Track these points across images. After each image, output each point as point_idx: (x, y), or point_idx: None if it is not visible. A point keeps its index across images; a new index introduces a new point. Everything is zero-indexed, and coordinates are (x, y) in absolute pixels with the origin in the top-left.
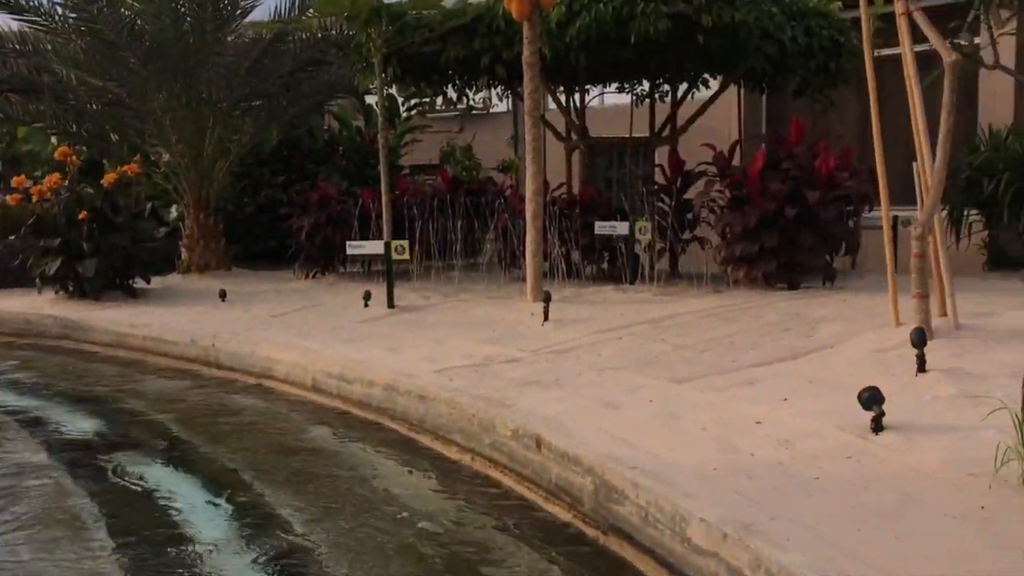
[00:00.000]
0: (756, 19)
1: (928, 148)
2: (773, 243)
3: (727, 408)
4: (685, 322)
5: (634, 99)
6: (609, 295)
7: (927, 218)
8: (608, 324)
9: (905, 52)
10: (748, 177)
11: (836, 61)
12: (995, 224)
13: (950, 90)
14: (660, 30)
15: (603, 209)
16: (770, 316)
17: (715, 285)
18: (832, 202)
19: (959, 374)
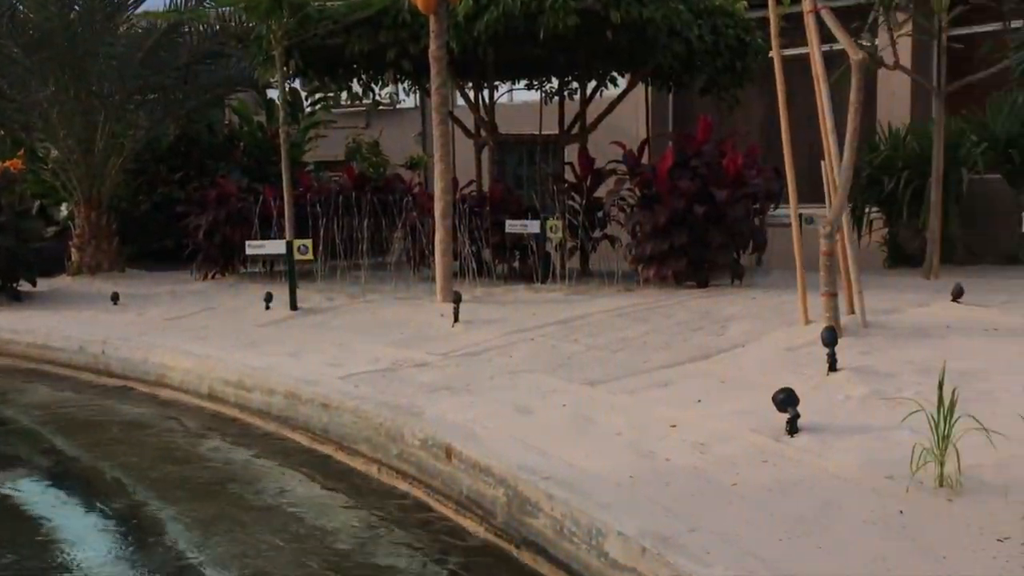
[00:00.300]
0: (664, 16)
1: (835, 147)
2: (683, 241)
3: (641, 411)
4: (597, 322)
5: (543, 96)
6: (520, 294)
7: (836, 217)
8: (520, 325)
9: (813, 51)
10: (658, 175)
11: (742, 60)
12: (895, 222)
13: (857, 89)
14: (569, 26)
15: (513, 207)
16: (681, 315)
17: (626, 284)
18: (740, 200)
19: (869, 373)
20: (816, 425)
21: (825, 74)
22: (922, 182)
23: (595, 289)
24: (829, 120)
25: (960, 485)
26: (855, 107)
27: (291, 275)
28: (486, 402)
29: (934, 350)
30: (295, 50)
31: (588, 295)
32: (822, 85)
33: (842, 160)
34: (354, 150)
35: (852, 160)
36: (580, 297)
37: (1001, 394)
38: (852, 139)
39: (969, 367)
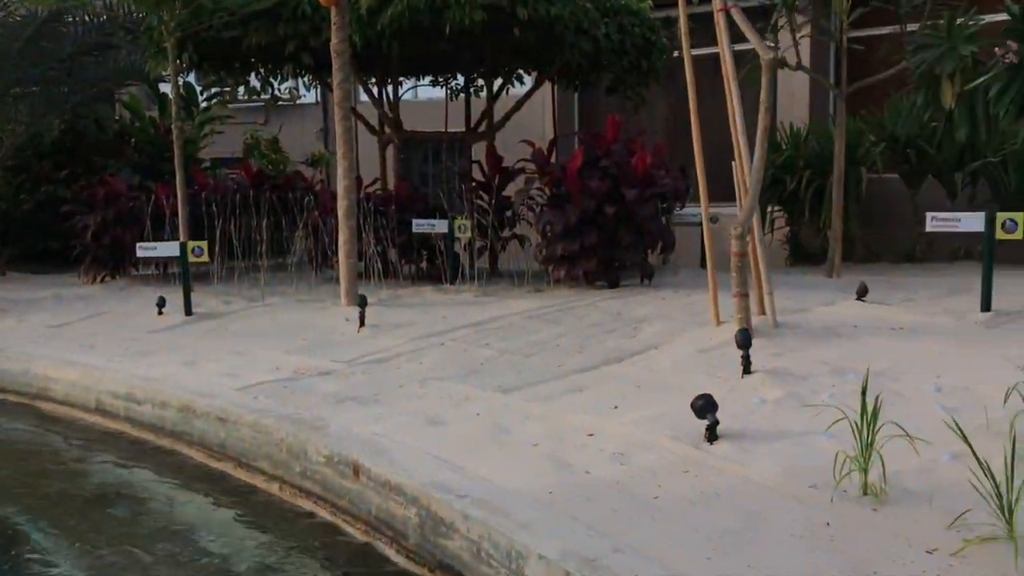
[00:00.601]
0: (571, 14)
1: (746, 147)
2: (593, 241)
3: (558, 419)
4: (509, 324)
5: (449, 93)
6: (429, 296)
7: (747, 217)
8: (429, 328)
9: (723, 50)
10: (568, 175)
11: (647, 59)
12: (796, 221)
13: (767, 90)
14: (475, 21)
15: (420, 206)
16: (593, 316)
17: (536, 284)
18: (649, 200)
19: (783, 375)
20: (735, 431)
21: (735, 74)
22: (823, 182)
23: (505, 290)
24: (740, 121)
25: (884, 493)
26: (765, 107)
27: (185, 279)
28: (395, 413)
29: (844, 350)
30: (188, 42)
31: (498, 296)
32: (732, 85)
33: (752, 161)
34: (252, 147)
35: (763, 161)
36: (490, 298)
37: (912, 395)
38: (763, 140)
39: (880, 367)
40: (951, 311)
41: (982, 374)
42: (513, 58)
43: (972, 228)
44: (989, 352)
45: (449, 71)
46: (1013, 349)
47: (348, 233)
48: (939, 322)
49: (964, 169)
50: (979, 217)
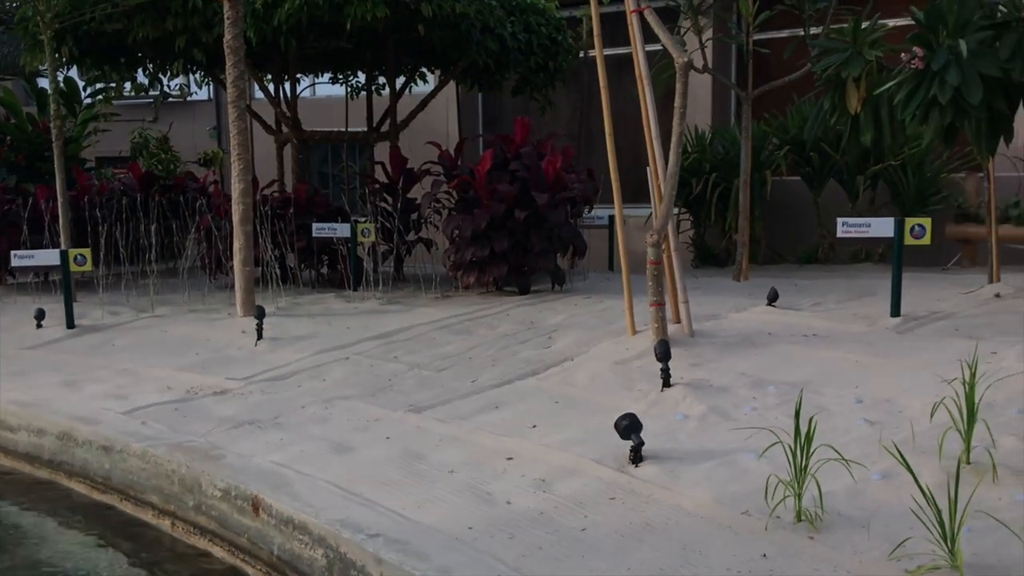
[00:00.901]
0: (478, 12)
1: (660, 152)
2: (504, 247)
3: (475, 442)
4: (418, 336)
5: (349, 91)
6: (331, 305)
7: (662, 224)
8: (333, 341)
9: (636, 52)
10: (476, 178)
11: (554, 59)
12: (701, 223)
13: (681, 93)
14: (377, 17)
15: (321, 209)
16: (505, 326)
17: (443, 290)
18: (560, 204)
19: (703, 387)
20: (660, 451)
21: (649, 76)
22: (728, 185)
23: (412, 296)
24: (654, 125)
25: (820, 519)
26: (680, 112)
27: (67, 289)
28: (298, 438)
29: (762, 360)
30: (68, 35)
31: (405, 304)
32: (646, 87)
33: (667, 167)
34: (140, 146)
35: (677, 167)
36: (397, 307)
37: (835, 408)
38: (677, 145)
39: (799, 378)
40: (861, 316)
41: (901, 384)
42: (416, 56)
43: (882, 233)
44: (904, 360)
45: (349, 68)
46: (925, 356)
47: (244, 239)
48: (851, 328)
49: (865, 172)
50: (889, 223)
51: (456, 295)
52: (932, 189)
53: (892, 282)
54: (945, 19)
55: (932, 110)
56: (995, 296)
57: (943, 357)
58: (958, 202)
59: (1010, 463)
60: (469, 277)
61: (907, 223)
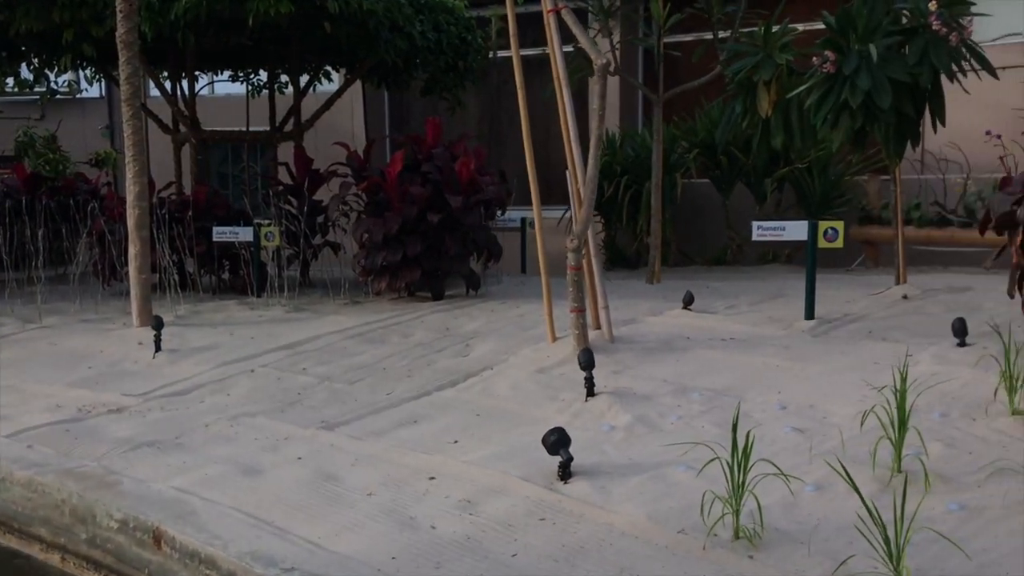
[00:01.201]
0: (386, 9)
1: (579, 155)
2: (417, 250)
3: (393, 460)
4: (328, 346)
5: (250, 90)
6: (234, 313)
7: (583, 229)
8: (237, 352)
9: (554, 53)
10: (387, 180)
11: (464, 59)
12: (612, 225)
13: (600, 95)
14: (281, 13)
15: (221, 212)
16: (420, 334)
17: (353, 295)
18: (474, 206)
19: (627, 396)
20: (589, 466)
21: (568, 78)
22: (639, 187)
23: (319, 303)
24: (572, 129)
25: (758, 537)
26: (599, 114)
27: None
28: (203, 461)
29: (683, 366)
30: None
31: (313, 311)
32: (564, 89)
33: (587, 170)
34: (26, 145)
35: (597, 170)
36: (304, 315)
37: (760, 416)
38: (596, 148)
39: (721, 384)
40: (776, 319)
41: (822, 389)
42: (321, 54)
43: (796, 237)
44: (822, 364)
45: (251, 66)
46: (843, 359)
47: (140, 245)
48: (768, 332)
49: (773, 175)
50: (802, 226)
51: (367, 301)
52: (836, 192)
53: (806, 285)
54: (855, 24)
55: (842, 114)
56: (903, 297)
57: (860, 360)
58: (862, 204)
59: (940, 470)
60: (380, 282)
61: (820, 226)
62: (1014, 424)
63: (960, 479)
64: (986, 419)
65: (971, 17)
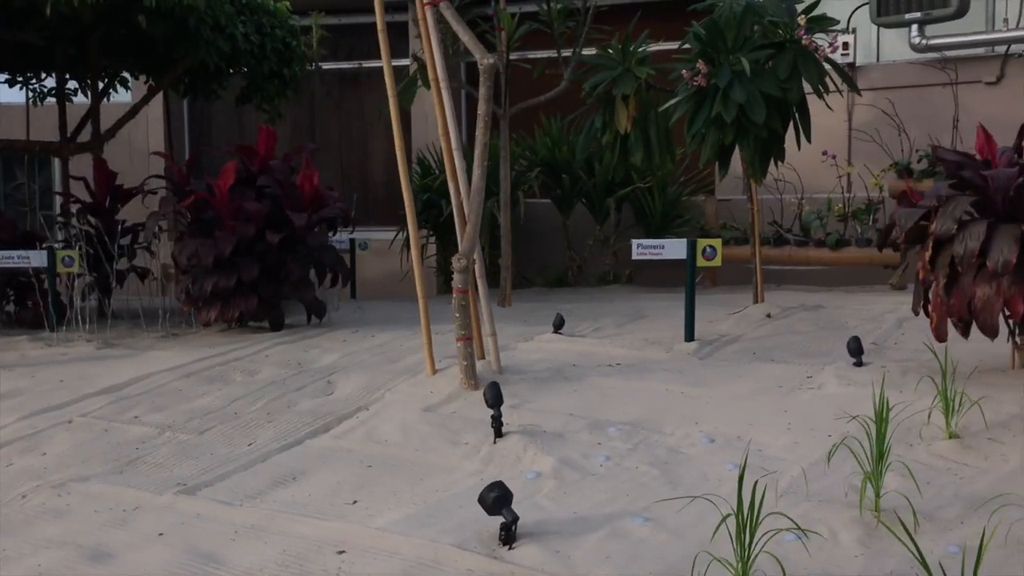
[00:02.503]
0: (207, 5)
1: (461, 164)
2: (254, 275)
3: (284, 530)
4: (159, 387)
5: (33, 96)
6: (29, 351)
7: (470, 247)
8: (45, 400)
9: (433, 52)
10: (217, 195)
11: (289, 66)
12: (447, 247)
13: (487, 99)
14: (87, 4)
15: (6, 234)
16: (268, 370)
17: (172, 328)
18: (318, 225)
19: (539, 435)
20: (531, 524)
21: (447, 78)
22: None
23: (132, 337)
24: (454, 136)
25: None
26: (485, 120)
27: None
28: (29, 547)
29: (583, 397)
30: None
31: (128, 347)
32: (444, 93)
33: (472, 182)
34: None
35: (483, 183)
36: (119, 351)
37: (690, 451)
38: (483, 158)
39: (633, 416)
40: (653, 342)
41: (741, 417)
42: (119, 57)
43: (675, 255)
44: (726, 389)
45: (35, 69)
46: (744, 383)
47: None
48: (651, 356)
49: (615, 195)
50: (682, 244)
51: (190, 333)
52: (676, 212)
53: (685, 306)
54: (724, 37)
55: (710, 129)
56: (767, 316)
57: (762, 385)
58: (700, 224)
59: (916, 506)
60: (210, 312)
61: (699, 244)
62: (953, 447)
63: (938, 515)
64: (922, 443)
65: (836, 33)
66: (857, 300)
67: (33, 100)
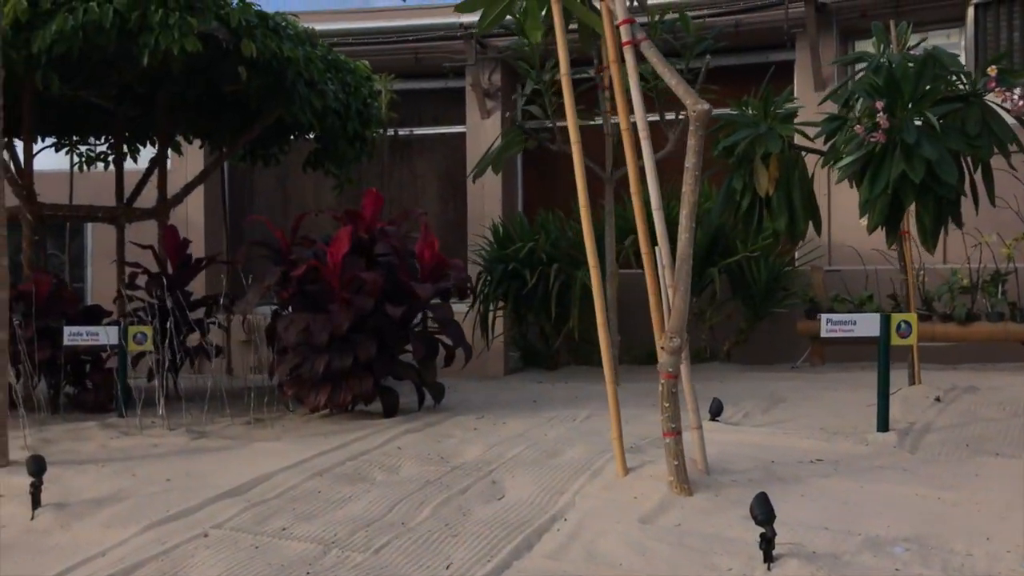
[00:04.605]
0: (306, 59)
1: (663, 229)
2: (371, 354)
3: None
4: (293, 489)
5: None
6: (108, 442)
7: (680, 323)
8: (163, 505)
9: (635, 95)
10: (330, 264)
11: (368, 128)
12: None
13: (697, 151)
14: (187, 52)
15: (70, 307)
16: (411, 467)
17: (258, 412)
18: (442, 295)
19: (814, 559)
20: None
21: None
22: (569, 276)
23: (215, 423)
24: (655, 193)
25: None
26: (695, 175)
27: None
28: None
29: (820, 503)
30: None
31: (223, 437)
32: (644, 142)
33: (678, 247)
34: None
35: (691, 248)
36: (217, 442)
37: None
38: (690, 219)
39: (907, 531)
40: (834, 432)
41: None
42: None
43: (868, 332)
44: (978, 493)
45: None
46: (994, 487)
47: None
48: (850, 449)
49: (717, 264)
50: (875, 319)
51: (283, 419)
52: (780, 283)
53: (879, 390)
54: (902, 89)
55: (884, 192)
56: (936, 400)
57: (1019, 486)
58: (809, 296)
59: None
60: (318, 396)
61: (893, 320)
62: None
63: None
64: None
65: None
66: (1003, 379)
67: (79, 165)
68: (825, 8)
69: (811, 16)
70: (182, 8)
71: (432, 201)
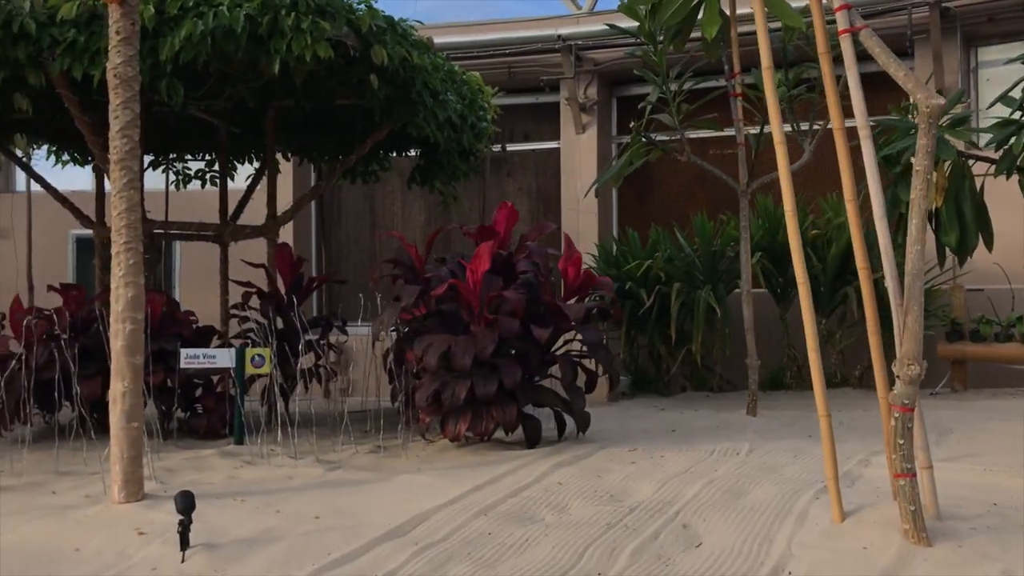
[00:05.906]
0: (433, 66)
1: (887, 241)
2: (516, 380)
3: None
4: (461, 530)
5: (178, 179)
6: (235, 473)
7: (917, 347)
8: (319, 549)
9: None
10: (470, 283)
11: (480, 141)
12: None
13: (927, 151)
14: (319, 58)
15: (185, 328)
16: (581, 507)
17: (387, 438)
18: (589, 317)
19: None
20: None
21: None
22: (690, 296)
23: (337, 451)
24: (878, 200)
25: None
26: (925, 179)
27: None
28: None
29: None
30: None
31: (360, 468)
32: (865, 142)
33: (909, 263)
34: None
35: (922, 262)
36: (355, 474)
37: None
38: (922, 231)
39: None
40: None
41: None
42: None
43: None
44: None
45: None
46: None
47: (131, 377)
48: None
49: (851, 284)
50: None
51: (416, 448)
52: None
53: None
54: None
55: None
56: None
57: None
58: (951, 318)
59: None
60: (459, 424)
61: None
62: None
63: None
64: None
65: None
66: None
67: (176, 183)
68: (948, 12)
69: (935, 20)
70: (314, 12)
71: (524, 219)
